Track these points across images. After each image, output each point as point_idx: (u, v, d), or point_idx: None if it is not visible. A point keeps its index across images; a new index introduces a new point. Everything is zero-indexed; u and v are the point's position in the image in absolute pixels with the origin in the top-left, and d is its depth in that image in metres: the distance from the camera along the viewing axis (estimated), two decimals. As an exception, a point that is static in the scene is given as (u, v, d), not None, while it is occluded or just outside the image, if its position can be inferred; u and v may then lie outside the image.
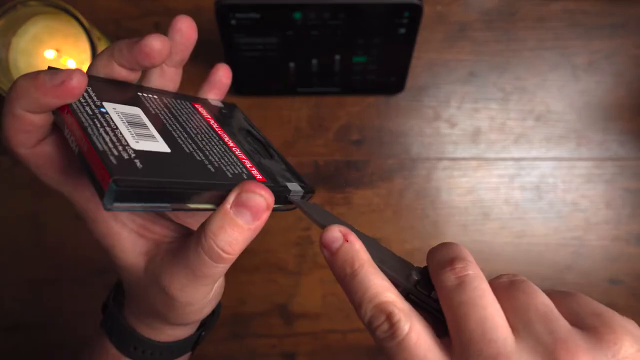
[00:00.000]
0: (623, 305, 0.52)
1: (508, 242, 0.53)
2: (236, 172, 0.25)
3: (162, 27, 0.52)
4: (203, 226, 0.23)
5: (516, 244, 0.53)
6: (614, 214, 0.53)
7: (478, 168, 0.53)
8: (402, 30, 0.44)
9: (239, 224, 0.23)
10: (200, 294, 0.25)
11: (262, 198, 0.23)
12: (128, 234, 0.26)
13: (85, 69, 0.30)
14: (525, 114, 0.53)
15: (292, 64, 0.48)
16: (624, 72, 0.53)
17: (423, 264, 0.26)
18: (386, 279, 0.23)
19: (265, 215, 0.23)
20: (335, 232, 0.24)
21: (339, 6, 0.42)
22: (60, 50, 0.44)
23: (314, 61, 0.48)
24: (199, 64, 0.53)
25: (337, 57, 0.47)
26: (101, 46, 0.41)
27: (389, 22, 0.44)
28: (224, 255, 0.23)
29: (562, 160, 0.53)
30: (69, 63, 0.44)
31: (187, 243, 0.24)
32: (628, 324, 0.23)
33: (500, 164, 0.53)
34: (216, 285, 0.27)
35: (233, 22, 0.43)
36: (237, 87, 0.51)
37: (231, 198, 0.23)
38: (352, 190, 0.52)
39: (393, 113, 0.53)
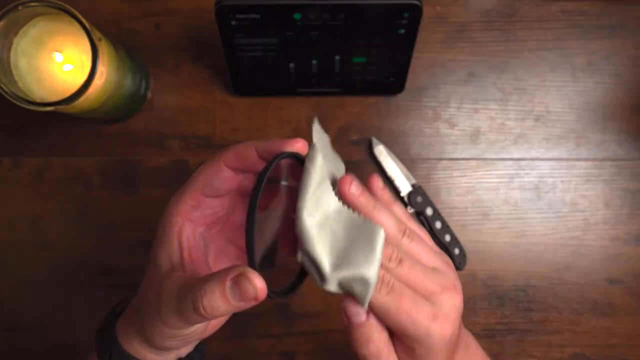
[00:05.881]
0: (622, 304, 0.53)
1: (507, 242, 0.53)
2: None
3: (163, 28, 0.53)
4: (198, 281, 0.26)
5: (515, 244, 0.53)
6: (612, 214, 0.53)
7: (477, 168, 0.53)
8: (402, 31, 0.45)
9: (226, 296, 0.25)
10: (177, 326, 0.28)
11: (254, 291, 0.25)
12: (177, 243, 0.30)
13: (86, 70, 0.31)
14: (525, 115, 0.53)
15: (292, 65, 0.48)
16: (623, 72, 0.53)
17: None
18: None
19: (249, 304, 0.26)
20: (358, 308, 0.28)
21: (338, 7, 0.42)
22: (62, 52, 0.44)
23: (314, 62, 0.48)
24: (199, 65, 0.53)
25: (337, 57, 0.47)
26: (102, 47, 0.41)
27: (388, 23, 0.44)
28: (202, 312, 0.26)
29: (561, 161, 0.53)
30: (66, 68, 0.44)
31: (189, 286, 0.27)
32: None
33: (500, 164, 0.53)
34: (192, 330, 0.30)
35: (233, 22, 0.43)
36: (237, 88, 0.51)
37: (233, 273, 0.25)
38: (352, 190, 0.53)
39: (393, 113, 0.53)
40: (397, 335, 0.29)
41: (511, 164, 0.53)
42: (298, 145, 0.29)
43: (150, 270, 0.31)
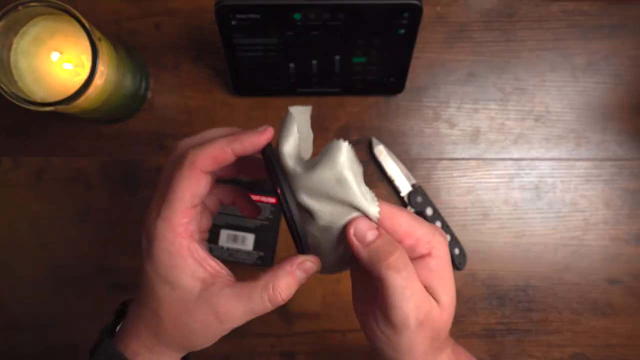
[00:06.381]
0: (622, 304, 0.52)
1: (507, 242, 0.53)
2: None
3: (163, 28, 0.53)
4: (269, 280, 0.30)
5: (515, 244, 0.53)
6: (612, 214, 0.53)
7: (477, 168, 0.53)
8: (402, 31, 0.45)
9: (299, 280, 0.31)
10: (242, 323, 0.31)
11: (316, 266, 0.31)
12: (193, 260, 0.30)
13: (86, 69, 0.31)
14: (525, 115, 0.53)
15: (292, 65, 0.48)
16: (623, 72, 0.53)
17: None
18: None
19: (310, 275, 0.31)
20: (368, 224, 0.28)
21: (338, 7, 0.42)
22: (62, 52, 0.44)
23: (314, 62, 0.48)
24: (199, 65, 0.53)
25: (337, 57, 0.47)
26: (102, 47, 0.41)
27: (388, 23, 0.44)
28: (282, 302, 0.30)
29: (561, 161, 0.53)
30: (66, 67, 0.44)
31: (251, 287, 0.30)
32: None
33: (500, 164, 0.53)
34: None
35: (233, 22, 0.43)
36: (237, 88, 0.51)
37: (296, 263, 0.30)
38: (352, 190, 0.53)
39: (393, 113, 0.53)
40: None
41: (511, 164, 0.53)
42: (269, 134, 0.30)
43: (168, 296, 0.30)
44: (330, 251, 0.31)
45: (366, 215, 0.28)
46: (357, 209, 0.28)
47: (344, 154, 0.27)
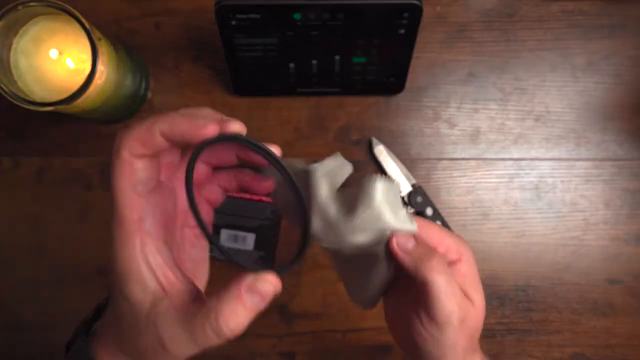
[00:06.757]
0: (622, 304, 0.52)
1: (507, 242, 0.53)
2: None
3: (163, 28, 0.53)
4: (212, 307, 0.25)
5: (515, 244, 0.53)
6: (612, 214, 0.53)
7: (477, 168, 0.53)
8: (402, 31, 0.45)
9: (248, 307, 0.25)
10: (192, 353, 0.26)
11: (273, 287, 0.26)
12: (147, 268, 0.26)
13: (86, 68, 0.30)
14: (525, 115, 0.53)
15: (292, 65, 0.48)
16: (623, 72, 0.53)
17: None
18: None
19: (268, 301, 0.26)
20: (407, 236, 0.28)
21: (338, 7, 0.42)
22: (62, 52, 0.44)
23: (314, 62, 0.48)
24: (199, 65, 0.53)
25: (337, 57, 0.47)
26: (102, 47, 0.41)
27: (388, 23, 0.44)
28: (231, 334, 0.25)
29: (561, 161, 0.53)
30: (68, 62, 0.44)
31: (195, 313, 0.25)
32: None
33: (500, 164, 0.53)
34: None
35: (233, 22, 0.43)
36: (237, 88, 0.51)
37: (245, 285, 0.25)
38: (352, 190, 0.53)
39: (393, 113, 0.53)
40: None
41: (511, 164, 0.53)
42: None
43: (123, 307, 0.27)
44: (372, 282, 0.31)
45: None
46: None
47: (379, 191, 0.28)
